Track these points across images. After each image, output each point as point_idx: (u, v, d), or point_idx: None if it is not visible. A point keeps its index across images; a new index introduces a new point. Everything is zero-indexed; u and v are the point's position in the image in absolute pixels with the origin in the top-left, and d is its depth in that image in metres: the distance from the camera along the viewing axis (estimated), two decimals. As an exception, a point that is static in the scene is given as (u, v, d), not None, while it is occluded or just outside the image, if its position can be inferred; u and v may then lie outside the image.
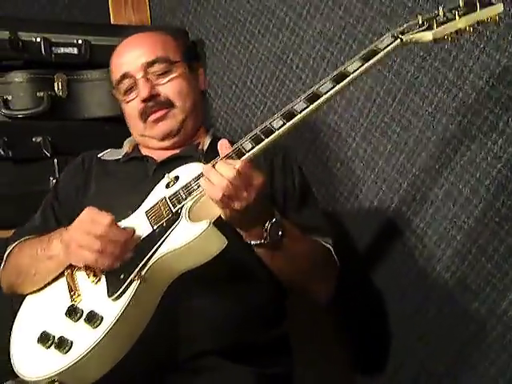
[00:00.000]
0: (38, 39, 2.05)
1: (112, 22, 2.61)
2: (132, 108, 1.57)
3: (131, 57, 1.57)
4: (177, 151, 1.58)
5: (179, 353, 1.29)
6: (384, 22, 1.84)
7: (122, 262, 1.24)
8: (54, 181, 1.68)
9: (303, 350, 1.55)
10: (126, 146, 1.68)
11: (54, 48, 2.08)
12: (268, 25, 2.22)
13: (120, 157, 1.64)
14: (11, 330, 1.31)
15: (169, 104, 1.55)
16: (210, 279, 1.30)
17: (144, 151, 1.63)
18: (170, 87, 1.55)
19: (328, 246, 1.50)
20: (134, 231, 1.29)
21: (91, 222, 1.26)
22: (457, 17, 1.32)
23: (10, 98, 2.01)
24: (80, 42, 2.13)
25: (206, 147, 1.58)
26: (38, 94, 2.03)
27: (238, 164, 1.21)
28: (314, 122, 2.04)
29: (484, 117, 1.61)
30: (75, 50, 2.13)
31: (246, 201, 1.22)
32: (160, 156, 1.57)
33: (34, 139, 1.98)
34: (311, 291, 1.50)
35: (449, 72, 1.68)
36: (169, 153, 1.58)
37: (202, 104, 1.68)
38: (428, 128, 1.74)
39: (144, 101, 1.53)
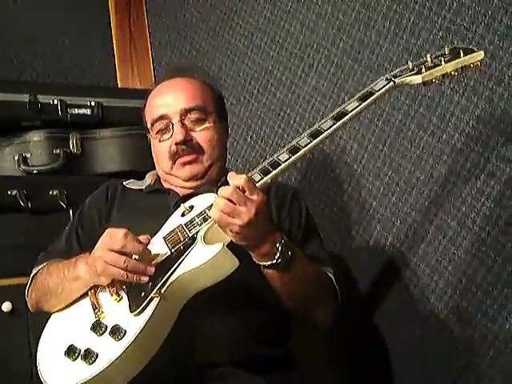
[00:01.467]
0: (56, 101, 2.24)
1: (119, 87, 2.83)
2: (164, 148, 1.65)
3: (171, 100, 1.65)
4: (199, 187, 1.67)
5: (195, 362, 1.39)
6: (372, 76, 2.01)
7: (147, 279, 1.34)
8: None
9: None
10: (149, 179, 1.79)
11: (69, 109, 2.27)
12: (266, 85, 2.40)
13: (143, 187, 1.75)
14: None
15: (199, 150, 1.64)
16: (222, 301, 1.40)
17: (166, 185, 1.73)
18: (203, 135, 1.65)
19: (330, 274, 1.60)
20: (150, 244, 1.40)
21: (110, 238, 1.37)
22: (443, 62, 1.46)
23: (28, 155, 2.18)
24: (93, 103, 2.32)
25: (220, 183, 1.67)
26: (54, 151, 2.20)
27: (236, 181, 1.33)
28: (308, 168, 2.19)
29: (467, 155, 1.76)
30: (88, 111, 2.31)
31: (246, 215, 1.30)
32: (181, 191, 1.68)
33: (50, 192, 2.12)
34: (312, 316, 1.58)
35: (433, 117, 1.84)
36: (191, 189, 1.67)
37: (227, 151, 1.78)
38: (417, 169, 1.88)
39: (177, 144, 1.62)
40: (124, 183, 1.78)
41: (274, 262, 1.41)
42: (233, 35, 2.55)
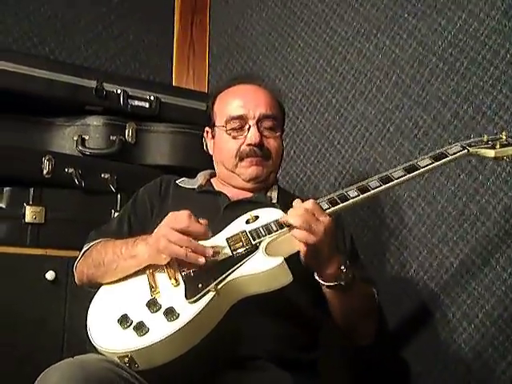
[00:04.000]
0: (119, 91, 2.39)
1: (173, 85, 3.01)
2: (233, 145, 1.77)
3: (252, 103, 1.77)
4: (249, 195, 1.79)
5: (235, 353, 1.50)
6: (419, 111, 2.12)
7: (203, 271, 1.44)
8: (135, 194, 1.90)
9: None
10: (200, 179, 1.89)
11: (130, 100, 2.42)
12: (316, 104, 2.53)
13: (195, 187, 1.84)
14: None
15: (267, 156, 1.77)
16: (267, 307, 1.51)
17: (217, 186, 1.85)
18: (273, 143, 1.78)
19: (375, 294, 1.74)
20: (214, 242, 1.51)
21: (174, 218, 1.48)
22: None
23: (86, 137, 2.32)
24: (152, 98, 2.46)
25: (275, 197, 1.80)
26: (111, 137, 2.35)
27: (307, 204, 1.46)
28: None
29: (499, 198, 1.86)
30: (147, 105, 2.45)
31: (314, 235, 1.42)
32: (232, 195, 1.77)
33: (102, 175, 2.27)
34: (359, 332, 1.71)
35: (472, 157, 1.93)
36: (241, 194, 1.78)
37: None
38: (449, 204, 1.99)
39: (251, 145, 1.74)
40: (177, 181, 1.88)
41: (339, 283, 1.52)
42: (290, 53, 2.68)
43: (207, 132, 1.92)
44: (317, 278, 1.54)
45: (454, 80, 2.04)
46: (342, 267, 1.52)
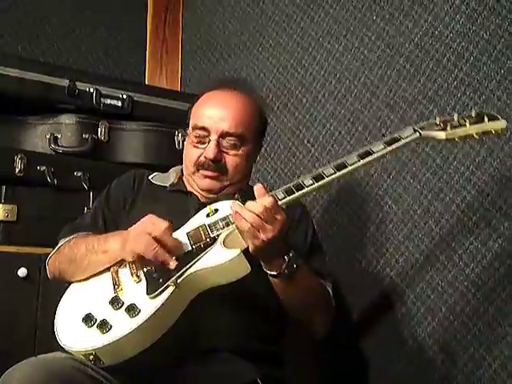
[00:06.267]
0: (92, 90, 2.40)
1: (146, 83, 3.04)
2: (193, 153, 1.77)
3: (216, 116, 1.74)
4: (213, 198, 1.76)
5: (198, 346, 1.54)
6: (387, 111, 2.18)
7: (163, 267, 1.49)
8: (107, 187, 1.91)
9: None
10: (172, 175, 1.90)
11: (102, 99, 2.42)
12: (286, 103, 2.57)
13: (167, 185, 1.85)
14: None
15: (223, 171, 1.75)
16: (227, 299, 1.56)
17: (188, 186, 1.84)
18: (232, 160, 1.75)
19: (329, 289, 1.76)
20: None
21: (152, 224, 1.52)
22: (467, 124, 1.53)
23: (59, 136, 2.33)
24: (125, 96, 2.47)
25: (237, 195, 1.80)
26: (83, 135, 2.36)
27: (266, 201, 1.48)
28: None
29: (463, 196, 1.92)
30: (119, 103, 2.47)
31: (271, 232, 1.47)
32: (201, 195, 1.79)
33: (75, 173, 2.28)
34: (309, 324, 1.74)
35: (437, 157, 2.00)
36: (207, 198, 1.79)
37: (251, 172, 1.91)
38: (415, 202, 2.04)
39: (206, 158, 1.73)
40: (149, 177, 1.89)
41: (280, 272, 1.56)
42: (262, 52, 2.72)
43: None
44: (264, 268, 1.58)
45: (420, 81, 2.10)
46: (286, 258, 1.55)
